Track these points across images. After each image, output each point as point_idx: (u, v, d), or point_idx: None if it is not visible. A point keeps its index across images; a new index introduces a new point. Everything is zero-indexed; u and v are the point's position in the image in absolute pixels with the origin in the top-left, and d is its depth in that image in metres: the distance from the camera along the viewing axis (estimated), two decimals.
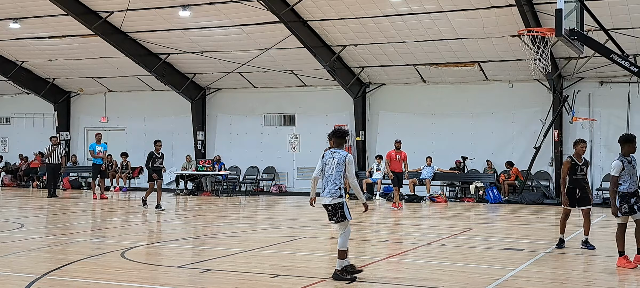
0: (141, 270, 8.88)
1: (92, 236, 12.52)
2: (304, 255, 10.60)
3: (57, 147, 21.46)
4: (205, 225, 15.28)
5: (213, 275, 8.49)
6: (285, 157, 25.02)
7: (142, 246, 11.04)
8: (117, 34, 21.63)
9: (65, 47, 23.44)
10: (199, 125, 25.64)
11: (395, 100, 23.66)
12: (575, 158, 10.71)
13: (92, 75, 25.74)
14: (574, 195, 10.68)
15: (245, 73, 23.97)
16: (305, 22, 20.00)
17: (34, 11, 20.93)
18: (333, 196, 8.07)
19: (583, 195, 10.70)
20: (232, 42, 21.75)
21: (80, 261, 9.37)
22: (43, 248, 10.98)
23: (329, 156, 8.19)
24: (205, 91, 25.76)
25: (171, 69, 24.15)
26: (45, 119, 27.93)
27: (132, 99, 26.82)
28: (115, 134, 27.02)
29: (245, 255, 10.30)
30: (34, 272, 8.51)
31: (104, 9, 20.42)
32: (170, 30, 21.40)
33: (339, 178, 8.12)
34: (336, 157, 8.20)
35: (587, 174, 10.88)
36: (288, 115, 25.09)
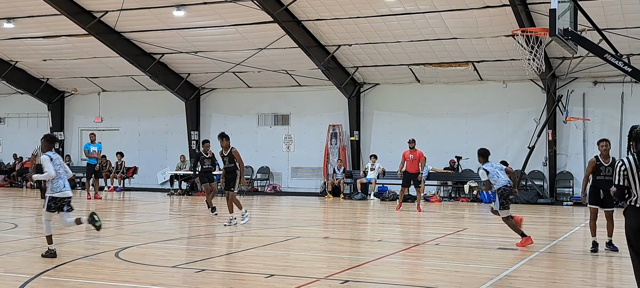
0: (135, 270, 8.87)
1: (86, 236, 12.49)
2: (298, 255, 10.60)
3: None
4: (200, 225, 15.26)
5: (207, 275, 8.50)
6: (279, 157, 25.02)
7: (136, 246, 11.02)
8: (111, 34, 21.59)
9: (59, 47, 23.38)
10: (194, 125, 25.61)
11: (390, 100, 23.69)
12: (601, 158, 10.57)
13: (86, 75, 25.68)
14: (598, 195, 10.44)
15: (239, 73, 23.95)
16: (299, 22, 20.01)
17: (28, 11, 20.86)
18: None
19: (607, 196, 10.26)
20: (226, 42, 21.74)
21: (75, 261, 9.35)
22: (37, 248, 10.95)
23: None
24: (199, 91, 25.74)
25: (165, 68, 24.12)
26: (39, 119, 27.85)
27: (126, 99, 26.77)
28: (109, 133, 26.95)
29: (240, 255, 10.30)
30: (28, 272, 8.50)
31: (98, 8, 20.38)
32: (165, 30, 21.37)
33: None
34: None
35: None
36: (282, 115, 25.08)
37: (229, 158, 13.89)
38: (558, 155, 21.86)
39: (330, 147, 23.74)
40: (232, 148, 13.95)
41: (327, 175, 23.71)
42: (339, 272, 8.69)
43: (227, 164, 13.93)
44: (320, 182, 24.21)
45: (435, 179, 22.74)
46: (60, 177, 9.68)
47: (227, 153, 13.93)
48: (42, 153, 9.91)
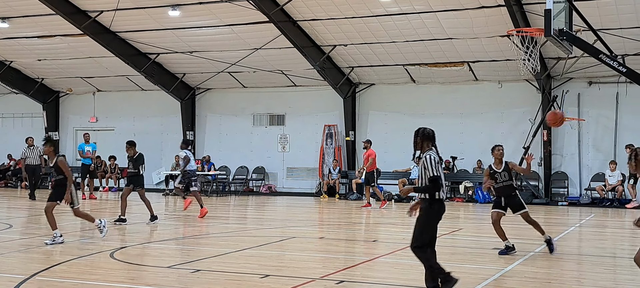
0: (130, 270, 8.86)
1: (80, 236, 12.46)
2: (293, 255, 10.60)
3: (34, 149, 21.15)
4: (195, 225, 15.23)
5: (202, 275, 8.48)
6: (274, 157, 25.00)
7: (131, 246, 11.00)
8: (106, 34, 21.54)
9: (54, 47, 23.31)
10: (189, 125, 25.57)
11: (385, 100, 23.70)
12: (494, 166, 10.39)
13: (81, 75, 25.62)
14: (499, 201, 10.38)
15: (234, 73, 23.93)
16: (295, 22, 20.00)
17: (22, 10, 20.80)
18: None
19: (510, 202, 10.32)
20: (221, 42, 21.71)
21: (69, 262, 9.33)
22: (31, 248, 10.91)
23: None
24: (194, 91, 25.71)
25: (160, 68, 24.08)
26: (34, 119, 27.77)
27: (121, 99, 26.71)
28: (104, 133, 26.88)
29: (235, 255, 10.29)
30: (22, 273, 8.47)
31: (93, 8, 20.33)
32: (160, 30, 21.33)
33: None
34: None
35: (513, 179, 10.46)
36: (278, 115, 25.07)
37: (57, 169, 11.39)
38: (553, 155, 21.90)
39: (325, 147, 23.75)
40: (59, 157, 11.40)
41: (323, 176, 23.72)
42: (334, 272, 8.68)
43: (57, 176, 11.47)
44: (315, 182, 24.21)
45: None
46: None
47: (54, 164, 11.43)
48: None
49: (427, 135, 7.05)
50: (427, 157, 6.95)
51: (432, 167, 6.88)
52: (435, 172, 6.85)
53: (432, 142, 7.06)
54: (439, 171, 6.88)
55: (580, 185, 21.71)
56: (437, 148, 7.05)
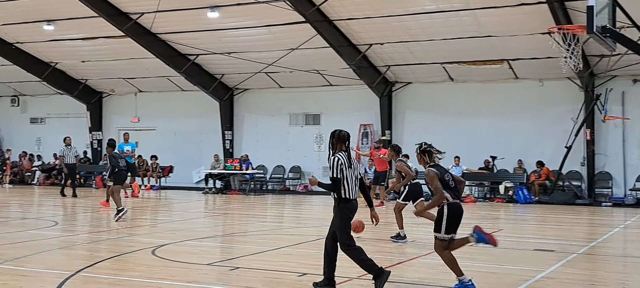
0: (171, 267, 9.00)
1: (123, 234, 12.70)
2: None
3: (71, 148, 21.65)
4: (233, 223, 15.41)
5: (241, 273, 8.58)
6: (310, 156, 25.07)
7: (172, 244, 11.17)
8: (147, 35, 21.89)
9: (97, 49, 23.80)
10: (227, 125, 25.83)
11: (422, 99, 23.57)
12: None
13: (123, 76, 26.08)
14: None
15: (271, 73, 24.08)
16: (331, 21, 20.03)
17: (67, 13, 21.29)
18: None
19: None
20: (259, 43, 21.88)
21: (112, 258, 9.52)
22: (76, 245, 11.18)
23: None
24: (232, 91, 25.94)
25: (200, 69, 24.36)
26: (78, 119, 28.37)
27: (162, 99, 27.11)
28: (145, 133, 27.34)
29: (272, 253, 10.37)
30: (67, 269, 8.68)
31: (134, 10, 20.68)
32: (199, 31, 21.59)
33: None
34: None
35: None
36: (313, 114, 25.14)
37: None
38: (596, 155, 21.49)
39: (361, 147, 23.71)
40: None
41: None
42: None
43: None
44: None
45: (469, 179, 22.53)
46: None
47: None
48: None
49: (340, 137, 7.54)
50: (334, 158, 7.42)
51: (334, 169, 7.37)
52: (336, 173, 7.35)
53: (344, 144, 7.54)
54: (341, 174, 7.33)
55: (625, 185, 21.26)
56: (350, 151, 7.58)
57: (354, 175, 7.46)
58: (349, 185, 7.39)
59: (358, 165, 7.87)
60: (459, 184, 8.20)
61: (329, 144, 7.59)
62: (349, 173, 7.39)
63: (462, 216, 7.89)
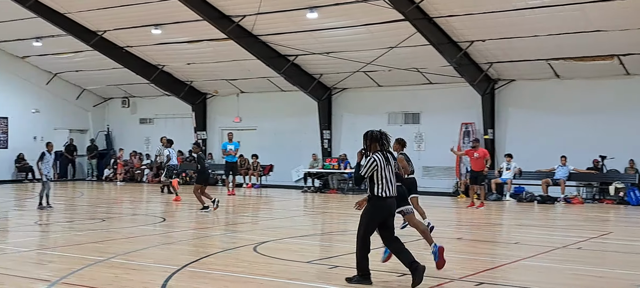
0: (272, 264, 9.20)
1: (226, 230, 13.10)
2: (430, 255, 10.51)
3: (168, 148, 22.53)
4: (332, 222, 15.54)
5: (340, 271, 8.65)
6: (410, 155, 24.72)
7: (273, 241, 11.42)
8: (248, 37, 22.43)
9: (201, 51, 24.64)
10: (325, 124, 26.05)
11: (526, 96, 22.84)
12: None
13: (225, 78, 26.86)
14: None
15: (370, 72, 24.07)
16: (430, 18, 19.79)
17: (173, 17, 22.17)
18: None
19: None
20: (357, 42, 21.93)
21: (216, 254, 9.85)
22: (182, 241, 11.64)
23: None
24: (331, 91, 26.14)
25: (299, 70, 24.71)
26: (184, 119, 29.47)
27: (262, 100, 27.71)
28: (247, 133, 28.03)
29: (371, 253, 10.37)
30: (174, 264, 9.06)
31: (236, 13, 21.26)
32: (298, 32, 21.90)
33: None
34: None
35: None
36: (413, 113, 24.92)
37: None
38: None
39: (462, 146, 23.27)
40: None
41: (460, 175, 23.29)
42: (473, 274, 8.55)
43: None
44: (452, 182, 23.82)
45: (576, 180, 21.63)
46: None
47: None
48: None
49: (373, 138, 7.86)
50: (369, 159, 7.73)
51: (367, 168, 7.68)
52: (364, 172, 7.67)
53: (378, 143, 7.82)
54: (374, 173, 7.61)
55: None
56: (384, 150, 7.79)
57: (392, 174, 7.69)
58: (383, 184, 7.61)
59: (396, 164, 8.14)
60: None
61: (364, 145, 7.89)
62: (386, 172, 7.62)
63: (402, 194, 9.60)
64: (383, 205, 7.69)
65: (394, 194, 7.74)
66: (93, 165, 30.41)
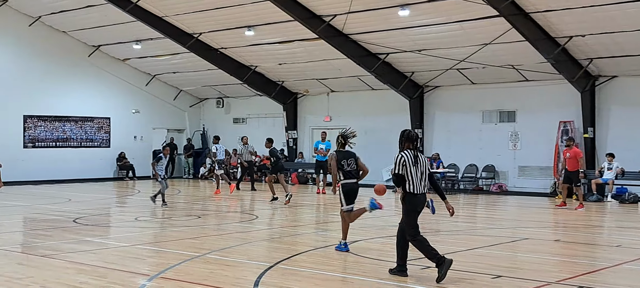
0: (364, 263, 9.19)
1: (317, 229, 13.20)
2: (526, 257, 10.22)
3: (247, 147, 23.74)
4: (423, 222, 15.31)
5: (432, 272, 8.53)
6: (505, 155, 24.22)
7: (364, 240, 11.41)
8: (338, 37, 22.52)
9: (292, 51, 24.96)
10: (417, 123, 25.78)
11: (630, 93, 21.72)
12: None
13: (316, 77, 27.08)
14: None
15: (463, 69, 23.62)
16: (526, 14, 19.18)
17: (266, 19, 22.57)
18: None
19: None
20: (450, 39, 21.57)
21: (308, 252, 9.93)
22: (274, 238, 11.82)
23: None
24: (423, 89, 25.84)
25: (390, 68, 24.57)
26: (275, 119, 29.95)
27: (352, 99, 27.74)
28: (337, 132, 28.04)
29: (465, 254, 10.19)
30: (267, 261, 9.22)
31: (327, 13, 21.38)
32: (389, 30, 21.78)
33: None
34: None
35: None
36: (508, 111, 24.25)
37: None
38: None
39: (560, 145, 22.44)
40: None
41: (558, 175, 22.46)
42: (571, 277, 8.23)
43: None
44: (549, 182, 23.01)
45: None
46: None
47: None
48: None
49: (408, 137, 8.30)
50: (397, 155, 8.18)
51: (396, 165, 8.15)
52: (397, 169, 8.11)
53: (412, 143, 8.25)
54: (404, 169, 8.08)
55: None
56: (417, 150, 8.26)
57: (420, 171, 8.14)
58: (414, 180, 8.10)
59: (426, 161, 8.40)
60: (361, 169, 11.02)
61: (399, 143, 8.37)
62: (414, 170, 8.09)
63: (354, 191, 10.56)
64: (418, 200, 8.20)
65: (423, 191, 8.21)
66: (189, 163, 31.44)
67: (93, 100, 28.66)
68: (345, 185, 10.35)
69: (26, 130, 26.76)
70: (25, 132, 26.73)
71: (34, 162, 26.59)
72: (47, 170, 26.91)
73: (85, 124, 28.51)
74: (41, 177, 26.34)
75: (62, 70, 27.61)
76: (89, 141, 28.64)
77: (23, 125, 26.65)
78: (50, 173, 26.97)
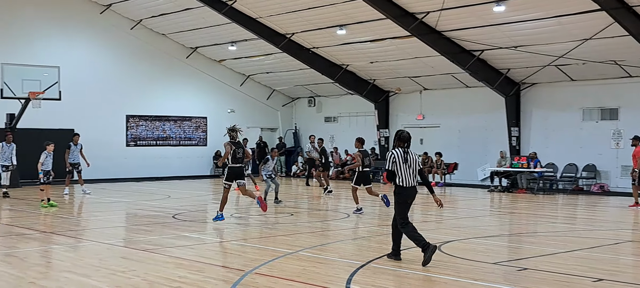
0: (457, 264, 9.04)
1: None
2: (630, 260, 9.76)
3: (314, 145, 24.65)
4: (521, 223, 14.94)
5: (529, 274, 8.29)
6: (607, 154, 23.15)
7: (457, 241, 11.22)
8: (431, 34, 22.23)
9: (384, 49, 24.86)
10: (513, 121, 25.08)
11: None
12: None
13: (408, 75, 26.86)
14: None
15: (562, 66, 22.77)
16: (630, 7, 18.26)
17: (357, 17, 22.60)
18: None
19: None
20: (547, 35, 20.85)
21: (402, 251, 9.85)
22: (366, 237, 11.82)
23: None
24: (519, 86, 25.10)
25: (484, 65, 24.03)
26: (367, 118, 29.93)
27: (446, 97, 27.33)
28: (430, 131, 27.82)
29: (564, 256, 9.84)
30: (359, 259, 9.23)
31: (419, 10, 21.16)
32: (484, 26, 21.30)
33: None
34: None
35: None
36: (610, 109, 23.17)
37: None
38: None
39: None
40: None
41: None
42: None
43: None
44: None
45: None
46: None
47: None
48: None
49: (400, 138, 9.21)
50: (388, 153, 9.16)
51: (388, 162, 9.10)
52: (387, 166, 9.08)
53: (403, 143, 9.14)
54: (394, 166, 9.01)
55: None
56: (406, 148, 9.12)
57: (411, 168, 9.03)
58: (404, 175, 9.00)
59: (416, 158, 9.20)
60: (246, 156, 13.81)
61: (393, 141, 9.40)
62: (404, 166, 9.00)
63: (239, 173, 13.49)
64: (407, 193, 9.04)
65: (412, 184, 9.05)
66: (281, 161, 31.93)
67: (191, 101, 29.64)
68: (231, 169, 13.43)
69: (128, 130, 28.01)
70: (127, 131, 27.98)
71: (135, 160, 27.80)
72: (147, 168, 28.06)
73: (183, 123, 29.53)
74: (142, 174, 27.47)
75: (161, 72, 28.71)
76: (187, 140, 29.63)
77: (125, 124, 27.91)
78: (151, 170, 28.11)
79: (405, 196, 9.04)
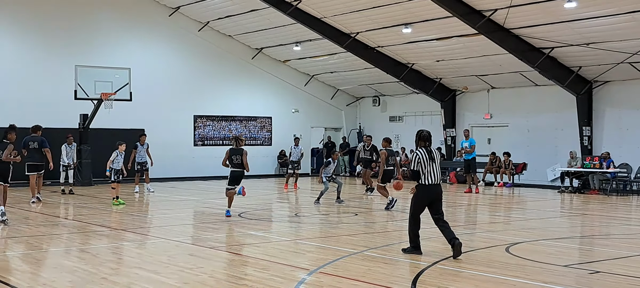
0: (526, 266, 8.82)
1: (477, 229, 12.85)
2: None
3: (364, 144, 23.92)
4: (593, 225, 14.45)
5: (602, 277, 8.01)
6: None
7: (527, 242, 10.94)
8: (499, 32, 21.77)
9: (450, 48, 24.50)
10: (585, 120, 24.30)
11: None
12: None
13: (475, 74, 26.38)
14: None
15: (637, 63, 21.91)
16: None
17: (423, 16, 22.36)
18: None
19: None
20: (621, 31, 20.10)
21: (467, 253, 9.69)
22: (432, 238, 11.65)
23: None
24: (591, 84, 24.30)
25: (554, 63, 23.37)
26: (433, 117, 29.57)
27: (514, 95, 26.73)
28: (498, 130, 27.27)
29: (639, 259, 9.45)
30: (425, 260, 9.11)
31: (487, 7, 20.76)
32: (554, 23, 20.72)
33: None
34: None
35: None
36: None
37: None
38: None
39: None
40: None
41: None
42: None
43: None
44: None
45: None
46: None
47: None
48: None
49: (420, 137, 9.57)
50: (413, 154, 9.49)
51: (413, 162, 9.41)
52: (414, 166, 9.36)
53: (425, 142, 9.47)
54: (418, 166, 9.31)
55: None
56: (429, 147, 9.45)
57: (436, 163, 9.36)
58: (429, 174, 9.29)
59: (438, 154, 9.52)
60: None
61: (415, 141, 9.63)
62: (430, 165, 9.28)
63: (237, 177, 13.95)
64: (429, 191, 9.33)
65: (437, 182, 9.33)
66: (345, 161, 31.92)
67: (256, 101, 29.98)
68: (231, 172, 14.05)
69: (196, 129, 28.56)
70: (195, 131, 28.54)
71: (203, 159, 28.30)
72: (214, 167, 28.40)
73: (249, 123, 29.90)
74: (209, 173, 27.94)
75: (228, 73, 29.16)
76: (253, 139, 29.98)
77: (193, 124, 28.46)
78: (218, 169, 28.44)
79: (426, 195, 9.36)
